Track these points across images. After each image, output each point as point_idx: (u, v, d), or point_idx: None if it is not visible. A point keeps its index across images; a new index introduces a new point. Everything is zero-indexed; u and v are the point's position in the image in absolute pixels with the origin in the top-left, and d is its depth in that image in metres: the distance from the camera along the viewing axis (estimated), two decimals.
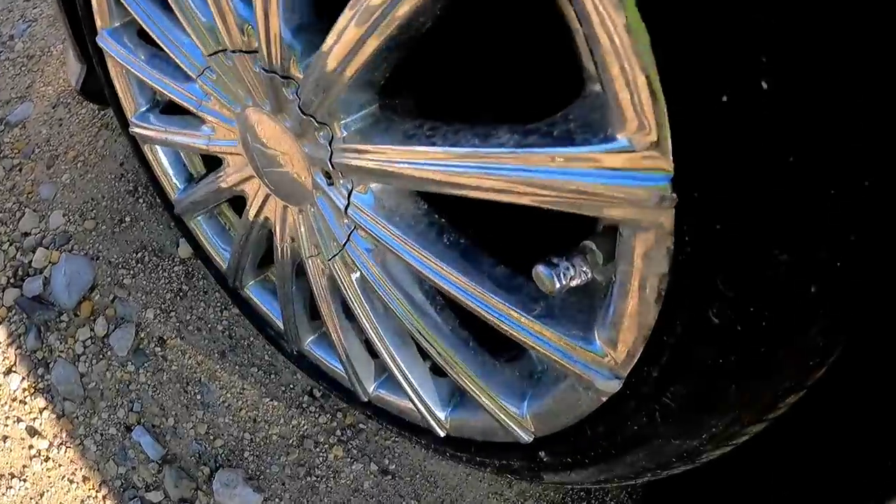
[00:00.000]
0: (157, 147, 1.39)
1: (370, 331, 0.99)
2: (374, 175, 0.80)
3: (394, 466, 1.44)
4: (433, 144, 0.69)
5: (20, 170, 1.94)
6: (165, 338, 1.60)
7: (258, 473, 1.46)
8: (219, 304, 1.61)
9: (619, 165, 0.54)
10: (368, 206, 0.84)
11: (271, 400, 1.50)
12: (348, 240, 0.91)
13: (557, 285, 0.65)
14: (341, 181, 0.85)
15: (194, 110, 1.07)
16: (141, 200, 1.81)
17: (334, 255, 0.94)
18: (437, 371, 1.04)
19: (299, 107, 0.81)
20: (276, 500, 1.43)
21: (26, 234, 1.80)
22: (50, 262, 1.74)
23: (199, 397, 1.53)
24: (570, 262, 0.65)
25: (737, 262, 0.52)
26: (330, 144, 0.81)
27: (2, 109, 2.08)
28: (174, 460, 1.51)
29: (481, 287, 0.77)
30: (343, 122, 0.78)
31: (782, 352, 0.56)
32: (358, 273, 0.94)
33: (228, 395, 1.52)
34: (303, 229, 0.99)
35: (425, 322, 0.89)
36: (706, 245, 0.53)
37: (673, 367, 0.64)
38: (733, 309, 0.55)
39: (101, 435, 1.53)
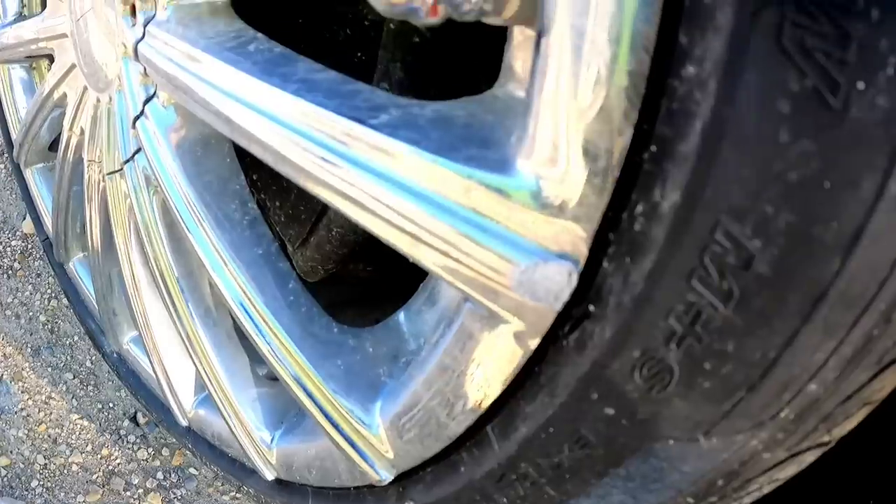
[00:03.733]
0: (13, 74, 1.16)
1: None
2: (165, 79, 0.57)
3: None
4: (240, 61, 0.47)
5: None
6: None
7: None
8: (49, 292, 1.25)
9: None
10: (162, 127, 0.60)
11: (81, 418, 1.13)
12: (132, 159, 0.63)
13: None
14: (142, 84, 0.63)
15: None
16: (2, 166, 1.50)
17: (112, 172, 0.65)
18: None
19: None
20: None
21: None
22: None
23: None
24: None
25: None
26: (145, 27, 0.59)
27: None
28: None
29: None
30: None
31: None
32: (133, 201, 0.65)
33: (30, 402, 1.15)
34: (89, 118, 0.69)
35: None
36: None
37: None
38: None
39: None
